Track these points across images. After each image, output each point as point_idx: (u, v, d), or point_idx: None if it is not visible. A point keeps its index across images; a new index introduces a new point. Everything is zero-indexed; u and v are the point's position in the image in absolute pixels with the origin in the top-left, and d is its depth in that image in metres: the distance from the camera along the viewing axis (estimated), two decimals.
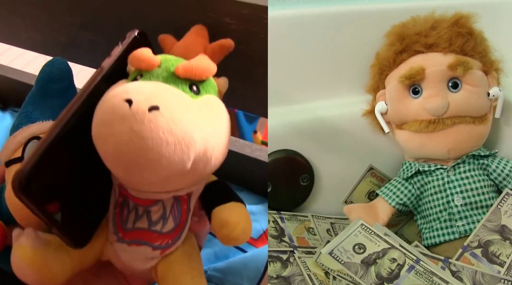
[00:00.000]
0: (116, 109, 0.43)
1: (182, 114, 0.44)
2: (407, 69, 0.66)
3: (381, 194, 0.69)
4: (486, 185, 0.66)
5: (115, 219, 0.53)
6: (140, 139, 0.42)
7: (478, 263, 0.60)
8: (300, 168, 0.71)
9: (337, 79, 0.75)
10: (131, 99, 0.43)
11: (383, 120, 0.70)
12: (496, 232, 0.61)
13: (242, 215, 0.53)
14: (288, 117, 0.71)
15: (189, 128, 0.44)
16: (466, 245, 0.62)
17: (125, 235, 0.53)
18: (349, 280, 0.59)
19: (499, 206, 0.63)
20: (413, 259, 0.59)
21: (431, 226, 0.67)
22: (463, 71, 0.65)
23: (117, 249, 0.54)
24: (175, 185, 0.51)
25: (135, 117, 0.42)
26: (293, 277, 0.60)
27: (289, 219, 0.71)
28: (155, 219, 0.52)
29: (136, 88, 0.45)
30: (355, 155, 0.73)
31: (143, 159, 0.43)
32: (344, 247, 0.61)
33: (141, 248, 0.53)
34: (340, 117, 0.73)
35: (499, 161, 0.66)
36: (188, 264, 0.55)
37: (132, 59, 0.49)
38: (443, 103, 0.65)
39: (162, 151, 0.43)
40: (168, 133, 0.43)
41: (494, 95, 0.67)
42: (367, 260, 0.59)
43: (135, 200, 0.52)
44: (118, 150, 0.43)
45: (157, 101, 0.43)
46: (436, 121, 0.65)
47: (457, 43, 0.66)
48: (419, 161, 0.69)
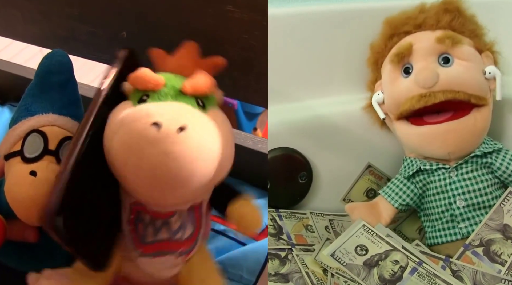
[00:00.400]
0: (145, 134, 0.44)
1: (205, 131, 0.47)
2: (396, 47, 0.67)
3: (384, 194, 0.68)
4: (490, 184, 0.64)
5: (131, 236, 0.53)
6: (174, 160, 0.44)
7: (479, 261, 0.59)
8: (298, 166, 0.71)
9: (335, 77, 0.75)
10: (158, 123, 0.44)
11: (380, 109, 0.69)
12: (498, 231, 0.61)
13: (254, 206, 0.57)
14: (286, 115, 0.71)
15: (213, 143, 0.47)
16: (467, 243, 0.61)
17: (146, 249, 0.54)
18: (348, 277, 0.59)
19: (501, 204, 0.62)
20: (416, 261, 0.59)
21: (433, 225, 0.66)
22: (451, 44, 0.64)
23: (141, 264, 0.54)
24: (197, 196, 0.53)
25: (166, 140, 0.43)
26: (292, 274, 0.60)
27: (287, 216, 0.71)
28: (175, 229, 0.54)
29: (158, 110, 0.46)
30: (353, 153, 0.73)
31: (178, 178, 0.45)
32: (346, 248, 0.61)
33: (165, 258, 0.54)
34: (338, 115, 0.72)
35: (503, 157, 0.65)
36: (207, 264, 0.59)
37: (137, 81, 0.50)
38: (432, 73, 0.63)
39: (194, 168, 0.45)
40: (198, 151, 0.45)
41: (491, 73, 0.65)
42: (369, 262, 0.59)
43: (155, 215, 0.53)
44: (152, 174, 0.44)
45: (184, 121, 0.45)
46: (427, 95, 0.63)
47: (445, 19, 0.66)
48: (420, 157, 0.67)
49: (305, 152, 0.71)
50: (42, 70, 0.58)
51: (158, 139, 0.43)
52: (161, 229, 0.53)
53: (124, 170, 0.47)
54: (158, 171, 0.44)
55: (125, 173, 0.47)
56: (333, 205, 0.73)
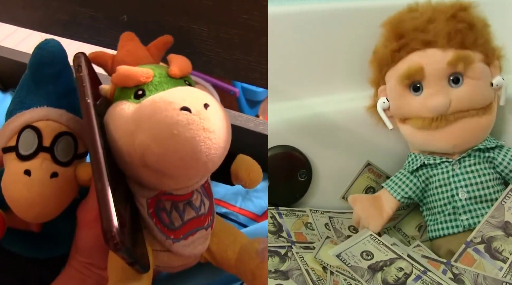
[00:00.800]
0: (179, 119, 0.45)
1: (216, 103, 0.49)
2: (405, 68, 0.65)
3: (386, 187, 0.68)
4: (492, 179, 0.65)
5: (158, 228, 0.54)
6: (213, 133, 0.46)
7: (481, 259, 0.59)
8: (298, 164, 0.71)
9: (334, 75, 0.74)
10: (186, 106, 0.46)
11: (386, 117, 0.69)
12: (499, 228, 0.61)
13: (251, 159, 0.61)
14: (286, 113, 0.71)
15: (223, 111, 0.50)
16: (469, 240, 0.61)
17: (177, 233, 0.54)
18: (347, 275, 0.59)
19: (503, 202, 0.62)
20: (421, 270, 0.58)
21: (435, 219, 0.66)
22: (464, 67, 0.63)
23: (177, 249, 0.55)
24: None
25: (201, 118, 0.46)
26: (291, 272, 0.60)
27: (287, 214, 0.70)
28: (198, 205, 0.56)
29: (175, 97, 0.47)
30: (353, 151, 0.73)
31: (219, 149, 0.48)
32: (352, 252, 0.61)
33: (197, 234, 0.56)
34: (337, 113, 0.72)
35: (505, 153, 0.65)
36: (230, 228, 0.63)
37: (125, 79, 0.50)
38: (444, 101, 0.63)
39: (227, 136, 0.49)
40: (224, 121, 0.49)
41: (498, 85, 0.66)
42: (374, 266, 0.59)
43: (177, 198, 0.54)
44: (197, 151, 0.46)
45: (203, 100, 0.47)
46: (439, 119, 0.64)
47: (456, 39, 0.64)
48: (424, 153, 0.68)
49: (304, 150, 0.71)
50: (34, 62, 0.56)
51: (194, 121, 0.45)
52: (186, 210, 0.55)
53: (163, 161, 0.47)
54: (203, 148, 0.46)
55: (164, 164, 0.47)
56: (332, 203, 0.73)
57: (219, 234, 0.61)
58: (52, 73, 0.56)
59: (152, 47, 0.58)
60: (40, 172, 0.52)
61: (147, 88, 0.49)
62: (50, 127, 0.55)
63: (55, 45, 0.56)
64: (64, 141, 0.55)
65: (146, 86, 0.49)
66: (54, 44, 0.56)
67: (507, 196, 0.62)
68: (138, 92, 0.49)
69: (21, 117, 0.55)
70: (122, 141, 0.48)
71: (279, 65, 0.71)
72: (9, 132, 0.55)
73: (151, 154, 0.46)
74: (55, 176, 0.53)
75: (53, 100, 0.56)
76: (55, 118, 0.55)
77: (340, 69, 0.74)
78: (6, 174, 0.53)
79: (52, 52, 0.56)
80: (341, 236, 0.69)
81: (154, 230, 0.53)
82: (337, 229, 0.70)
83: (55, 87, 0.57)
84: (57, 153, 0.54)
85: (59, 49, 0.56)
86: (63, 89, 0.57)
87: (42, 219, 0.54)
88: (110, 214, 0.43)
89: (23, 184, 0.51)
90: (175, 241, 0.54)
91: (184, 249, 0.55)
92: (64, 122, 0.56)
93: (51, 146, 0.54)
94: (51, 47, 0.56)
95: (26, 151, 0.53)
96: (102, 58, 0.56)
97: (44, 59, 0.56)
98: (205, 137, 0.46)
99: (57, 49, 0.56)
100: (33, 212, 0.52)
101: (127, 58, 0.55)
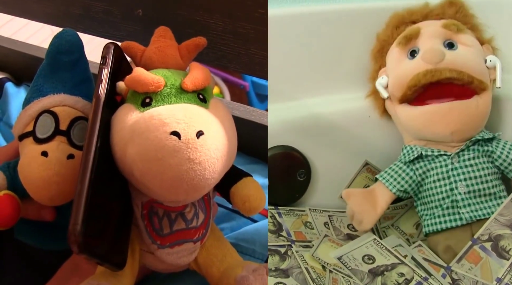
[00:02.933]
0: (165, 144, 0.45)
1: (219, 130, 0.48)
2: (404, 32, 0.68)
3: (381, 179, 0.66)
4: (491, 173, 0.64)
5: (147, 230, 0.53)
6: (198, 164, 0.45)
7: (487, 256, 0.58)
8: (297, 163, 0.70)
9: (333, 76, 0.74)
10: (177, 131, 0.45)
11: (383, 89, 0.68)
12: (508, 226, 0.60)
13: (257, 186, 0.56)
14: (285, 113, 0.70)
15: (225, 139, 0.48)
16: (476, 238, 0.60)
17: (164, 240, 0.53)
18: (345, 273, 0.58)
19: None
20: (422, 276, 0.57)
21: (432, 213, 0.64)
22: (456, 30, 0.65)
23: (161, 255, 0.54)
24: None
25: (188, 147, 0.45)
26: (291, 270, 0.60)
27: (287, 213, 0.69)
28: (190, 218, 0.54)
29: (171, 118, 0.46)
30: (351, 150, 0.72)
31: (203, 180, 0.46)
32: (354, 255, 0.60)
33: (183, 246, 0.55)
34: (336, 113, 0.71)
35: (503, 146, 0.65)
36: (223, 246, 0.59)
37: (136, 84, 0.49)
38: (438, 51, 0.64)
39: (216, 168, 0.47)
40: (217, 151, 0.47)
41: (491, 61, 0.65)
42: (374, 271, 0.58)
43: (169, 209, 0.53)
44: (178, 180, 0.45)
45: (199, 126, 0.46)
46: (433, 71, 0.63)
47: (450, 11, 0.68)
48: (420, 144, 0.66)
49: (303, 150, 0.70)
50: (52, 50, 0.57)
51: (180, 149, 0.45)
52: (177, 220, 0.53)
53: (145, 179, 0.47)
54: (185, 176, 0.45)
55: (146, 182, 0.47)
56: (331, 202, 0.72)
57: (210, 249, 0.58)
58: (69, 62, 0.57)
59: (183, 48, 0.56)
60: (57, 152, 0.53)
61: (154, 98, 0.49)
62: (66, 112, 0.56)
63: (72, 34, 0.57)
64: (80, 125, 0.56)
65: (154, 95, 0.49)
66: (71, 33, 0.57)
67: None
68: (145, 100, 0.49)
69: (38, 104, 0.56)
70: (117, 147, 0.48)
71: (278, 66, 0.70)
72: (26, 119, 0.56)
73: (136, 169, 0.47)
74: (72, 158, 0.53)
75: (69, 87, 0.57)
76: (71, 104, 0.56)
77: (339, 70, 0.74)
78: (22, 158, 0.54)
79: (70, 41, 0.56)
80: (340, 234, 0.68)
81: (143, 231, 0.53)
82: (336, 227, 0.69)
83: (71, 75, 0.57)
84: (73, 136, 0.55)
85: (76, 38, 0.57)
86: (79, 78, 0.58)
87: (58, 201, 0.54)
88: (78, 218, 0.43)
89: (40, 164, 0.52)
90: (160, 247, 0.53)
91: (168, 256, 0.54)
92: (79, 108, 0.57)
93: (68, 129, 0.55)
94: (69, 36, 0.56)
95: (43, 134, 0.54)
96: (133, 49, 0.56)
97: (62, 47, 0.56)
98: (189, 168, 0.45)
99: (74, 38, 0.57)
100: (49, 191, 0.52)
101: (155, 56, 0.55)
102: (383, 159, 0.72)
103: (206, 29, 0.64)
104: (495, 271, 0.57)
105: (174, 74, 0.51)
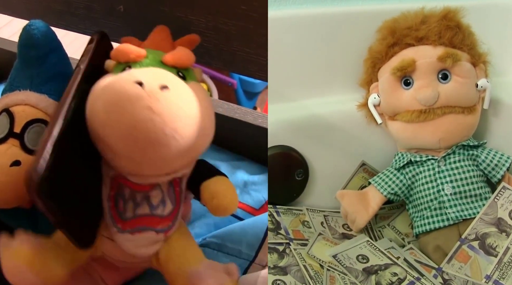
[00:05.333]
0: (129, 91, 0.43)
1: (187, 93, 0.46)
2: (398, 61, 0.66)
3: (373, 183, 0.67)
4: (476, 175, 0.65)
5: (111, 212, 0.51)
6: (158, 115, 0.42)
7: (476, 255, 0.59)
8: (295, 163, 0.70)
9: (331, 78, 0.74)
10: (141, 81, 0.43)
11: (376, 112, 0.69)
12: (493, 224, 0.60)
13: (229, 186, 0.53)
14: (283, 114, 0.70)
15: (193, 107, 0.46)
16: (463, 237, 0.60)
17: (125, 225, 0.51)
18: (340, 271, 0.58)
19: (495, 199, 0.62)
20: (414, 276, 0.58)
21: (422, 215, 0.66)
22: (452, 63, 0.64)
23: (119, 240, 0.52)
24: (177, 165, 0.50)
25: (150, 96, 0.43)
26: (290, 267, 0.59)
27: (285, 212, 0.69)
28: (156, 203, 0.52)
29: (140, 71, 0.45)
30: (348, 151, 0.72)
31: (161, 134, 0.43)
32: (348, 254, 0.60)
33: (145, 234, 0.51)
34: (334, 114, 0.71)
35: (488, 152, 0.66)
36: (186, 242, 0.55)
37: (119, 53, 0.50)
38: (433, 93, 0.64)
39: (177, 126, 0.44)
40: (180, 109, 0.44)
41: (482, 87, 0.66)
42: (368, 269, 0.58)
43: (135, 187, 0.51)
44: (135, 129, 0.43)
45: (166, 81, 0.44)
46: (427, 111, 0.64)
47: (446, 36, 0.66)
48: (411, 152, 0.67)
49: (301, 150, 0.70)
50: (19, 44, 0.53)
51: (141, 96, 0.43)
52: (141, 203, 0.51)
53: (105, 131, 0.45)
54: (142, 125, 0.42)
55: (106, 135, 0.45)
56: (328, 201, 0.72)
57: (172, 243, 0.54)
58: (36, 56, 0.53)
59: (177, 44, 0.56)
60: (3, 158, 0.50)
61: (134, 67, 0.48)
62: (24, 112, 0.52)
63: (39, 27, 0.53)
64: (36, 129, 0.53)
65: (134, 64, 0.49)
66: (37, 26, 0.53)
67: (500, 193, 0.62)
68: (125, 69, 0.49)
69: (3, 101, 0.53)
70: (89, 106, 0.46)
71: (278, 67, 0.70)
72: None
73: (98, 121, 0.45)
74: (17, 164, 0.50)
75: (36, 84, 0.54)
76: (33, 103, 0.53)
77: (337, 71, 0.74)
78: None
79: (34, 35, 0.52)
80: (336, 233, 0.68)
81: (107, 213, 0.51)
82: (332, 226, 0.69)
83: (38, 71, 0.54)
84: (27, 140, 0.52)
85: (44, 31, 0.53)
86: (47, 74, 0.55)
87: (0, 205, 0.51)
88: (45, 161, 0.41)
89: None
90: (120, 232, 0.51)
91: (126, 243, 0.51)
92: (42, 108, 0.53)
93: (22, 132, 0.51)
94: (33, 30, 0.52)
95: (0, 134, 0.51)
96: (131, 43, 0.54)
97: (27, 41, 0.53)
98: (147, 118, 0.42)
99: (41, 31, 0.53)
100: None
101: (149, 48, 0.54)
102: (380, 159, 0.72)
103: (188, 25, 0.63)
104: (484, 268, 0.58)
105: (158, 53, 0.51)
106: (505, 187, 0.62)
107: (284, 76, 0.71)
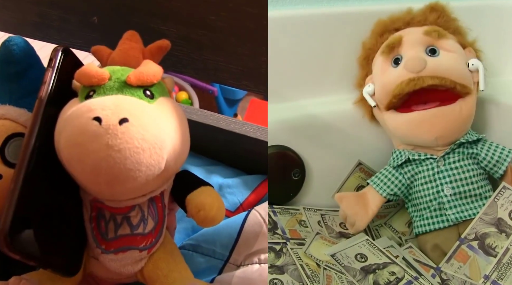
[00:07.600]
0: (86, 129, 0.42)
1: (149, 121, 0.44)
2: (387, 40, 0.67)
3: (372, 184, 0.66)
4: (476, 174, 0.64)
5: (93, 234, 0.51)
6: (118, 152, 0.42)
7: (475, 255, 0.58)
8: (292, 163, 0.69)
9: (328, 78, 0.73)
10: (99, 117, 0.42)
11: (370, 98, 0.68)
12: (492, 225, 0.60)
13: (214, 196, 0.52)
14: (280, 114, 0.70)
15: (158, 132, 0.45)
16: (463, 237, 0.60)
17: (109, 245, 0.50)
18: (337, 269, 0.58)
19: (495, 199, 0.61)
20: (412, 276, 0.57)
21: (421, 215, 0.65)
22: (437, 36, 0.64)
23: (104, 261, 0.51)
24: (152, 187, 0.49)
25: (108, 133, 0.42)
26: (287, 266, 0.59)
27: (281, 212, 0.69)
28: (136, 223, 0.51)
29: (99, 105, 0.44)
30: (345, 150, 0.72)
31: (124, 170, 0.43)
32: (347, 253, 0.60)
33: (128, 253, 0.51)
34: (330, 114, 0.71)
35: (488, 148, 0.64)
36: (172, 260, 0.54)
37: (81, 77, 0.48)
38: (420, 59, 0.63)
39: (140, 158, 0.43)
40: (142, 141, 0.43)
41: (474, 65, 0.65)
42: (366, 268, 0.58)
43: (113, 210, 0.50)
44: (97, 167, 0.42)
45: (124, 113, 0.43)
46: (415, 79, 0.62)
47: (431, 17, 0.68)
48: (408, 149, 0.66)
49: (298, 150, 0.69)
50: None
51: (100, 134, 0.42)
52: (122, 224, 0.50)
53: (70, 166, 0.44)
54: (104, 163, 0.42)
55: (72, 169, 0.45)
56: (325, 201, 0.71)
57: (157, 262, 0.53)
58: (14, 72, 0.53)
59: (147, 51, 0.54)
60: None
61: (97, 91, 0.47)
62: (4, 127, 0.52)
63: (17, 43, 0.53)
64: (16, 142, 0.52)
65: (98, 88, 0.47)
66: (16, 42, 0.53)
67: (500, 193, 0.61)
68: (89, 93, 0.47)
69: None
70: (55, 140, 0.46)
71: (276, 68, 0.69)
72: None
73: (63, 156, 0.45)
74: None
75: (15, 98, 0.54)
76: (13, 118, 0.53)
77: (333, 71, 0.73)
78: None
79: (12, 50, 0.52)
80: (333, 232, 0.67)
81: (90, 235, 0.51)
82: (329, 225, 0.68)
83: (17, 85, 0.54)
84: (8, 154, 0.51)
85: (22, 47, 0.53)
86: (27, 88, 0.54)
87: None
88: (9, 216, 0.41)
89: None
90: (104, 252, 0.51)
91: (111, 263, 0.51)
92: (22, 122, 0.53)
93: (2, 146, 0.51)
94: (12, 45, 0.52)
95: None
96: (101, 53, 0.54)
97: (6, 57, 0.52)
98: (107, 155, 0.42)
99: (19, 47, 0.53)
100: None
101: (118, 57, 0.53)
102: (376, 159, 0.72)
103: (160, 36, 0.62)
104: (483, 268, 0.57)
105: (124, 70, 0.49)
106: (505, 186, 0.61)
107: (281, 76, 0.71)
